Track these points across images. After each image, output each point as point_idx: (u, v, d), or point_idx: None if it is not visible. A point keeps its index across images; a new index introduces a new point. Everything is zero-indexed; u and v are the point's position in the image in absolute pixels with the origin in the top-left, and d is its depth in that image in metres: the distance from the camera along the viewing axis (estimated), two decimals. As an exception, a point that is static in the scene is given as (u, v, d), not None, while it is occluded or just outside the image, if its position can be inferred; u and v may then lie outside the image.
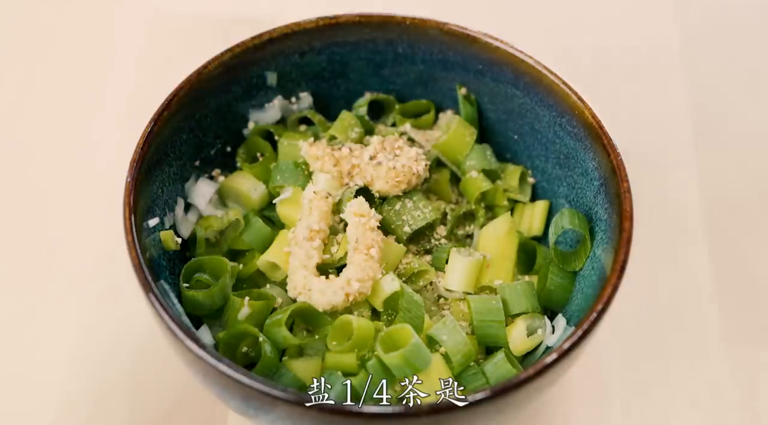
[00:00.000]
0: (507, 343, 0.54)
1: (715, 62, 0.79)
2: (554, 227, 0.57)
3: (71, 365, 0.62)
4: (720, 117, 0.75)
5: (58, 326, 0.63)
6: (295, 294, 0.54)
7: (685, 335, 0.64)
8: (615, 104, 0.69)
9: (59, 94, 0.76)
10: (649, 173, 0.67)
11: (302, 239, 0.54)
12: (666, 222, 0.69)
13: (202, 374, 0.48)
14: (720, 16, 0.83)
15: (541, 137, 0.59)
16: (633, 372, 0.62)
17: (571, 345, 0.47)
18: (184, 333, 0.47)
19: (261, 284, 0.57)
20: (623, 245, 0.50)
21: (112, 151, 0.71)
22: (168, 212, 0.57)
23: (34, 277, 0.66)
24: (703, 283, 0.66)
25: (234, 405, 0.50)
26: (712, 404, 0.61)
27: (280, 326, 0.52)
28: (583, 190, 0.57)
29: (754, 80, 0.78)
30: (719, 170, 0.72)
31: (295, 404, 0.45)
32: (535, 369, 0.46)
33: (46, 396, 0.60)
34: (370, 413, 0.45)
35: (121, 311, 0.63)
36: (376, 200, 0.57)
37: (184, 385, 0.60)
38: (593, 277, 0.54)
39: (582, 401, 0.61)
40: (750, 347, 0.63)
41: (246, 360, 0.54)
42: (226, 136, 0.61)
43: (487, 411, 0.46)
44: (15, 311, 0.64)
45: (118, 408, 0.60)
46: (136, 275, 0.49)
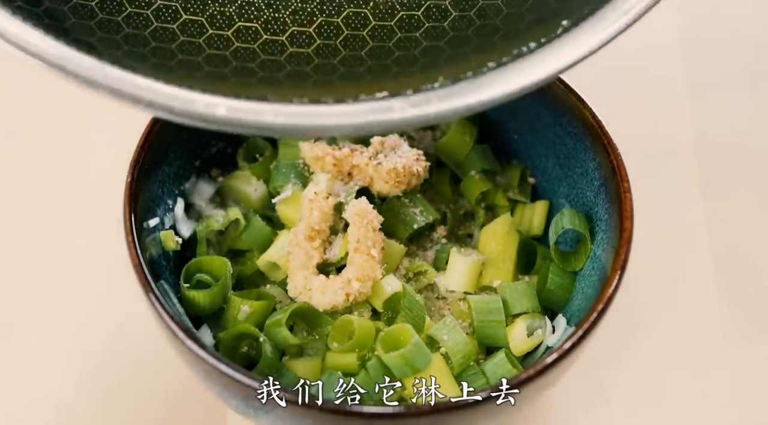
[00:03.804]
0: (507, 343, 0.54)
1: (716, 62, 0.79)
2: (554, 227, 0.57)
3: (71, 365, 0.62)
4: (720, 117, 0.75)
5: (58, 326, 0.63)
6: (296, 294, 0.54)
7: (685, 335, 0.64)
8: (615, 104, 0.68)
9: (59, 94, 0.76)
10: (649, 173, 0.67)
11: (302, 239, 0.54)
12: (666, 222, 0.69)
13: (203, 374, 0.48)
14: (720, 15, 0.83)
15: (541, 137, 0.59)
16: (633, 371, 0.62)
17: (571, 345, 0.47)
18: (185, 333, 0.47)
19: (261, 284, 0.57)
20: (623, 245, 0.50)
21: (112, 151, 0.71)
22: (168, 212, 0.57)
23: (33, 277, 0.66)
24: (704, 283, 0.66)
25: (234, 405, 0.50)
26: (712, 404, 0.61)
27: (281, 326, 0.52)
28: (583, 190, 0.57)
29: (754, 80, 0.78)
30: (720, 170, 0.72)
31: (296, 404, 0.45)
32: (535, 369, 0.46)
33: (45, 397, 0.60)
34: (370, 413, 0.45)
35: (121, 311, 0.63)
36: (376, 201, 0.57)
37: (184, 385, 0.60)
38: (593, 277, 0.54)
39: (582, 401, 0.61)
40: (751, 347, 0.63)
41: (246, 360, 0.54)
42: (226, 136, 0.61)
43: (487, 411, 0.46)
44: (14, 312, 0.64)
45: (117, 409, 0.60)
46: (136, 275, 0.49)
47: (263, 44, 0.44)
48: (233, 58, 0.44)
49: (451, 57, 0.43)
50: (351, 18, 0.46)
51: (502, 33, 0.44)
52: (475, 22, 0.45)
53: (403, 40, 0.45)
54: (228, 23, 0.45)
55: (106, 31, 0.43)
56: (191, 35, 0.44)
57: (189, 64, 0.43)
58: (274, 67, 0.44)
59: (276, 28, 0.45)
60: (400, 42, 0.45)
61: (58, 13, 0.43)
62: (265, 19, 0.45)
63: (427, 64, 0.43)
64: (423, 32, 0.45)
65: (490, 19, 0.45)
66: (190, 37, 0.44)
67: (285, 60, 0.44)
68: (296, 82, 0.43)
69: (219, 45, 0.44)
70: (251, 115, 0.40)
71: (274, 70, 0.43)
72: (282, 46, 0.44)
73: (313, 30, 0.45)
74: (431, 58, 0.44)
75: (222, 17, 0.45)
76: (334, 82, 0.43)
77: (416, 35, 0.45)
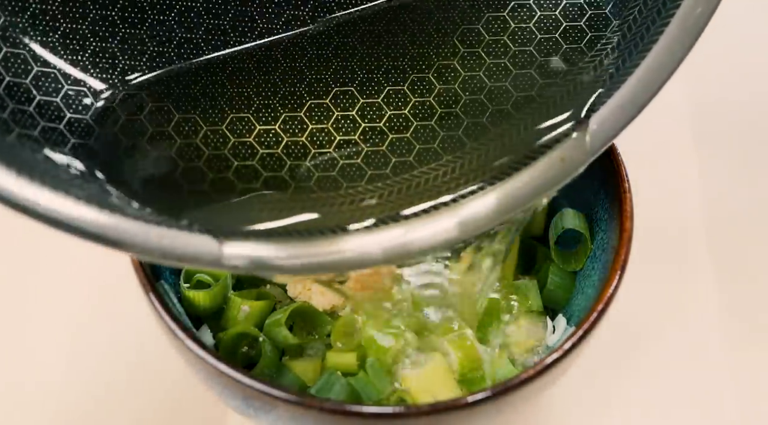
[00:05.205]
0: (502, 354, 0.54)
1: (716, 62, 0.79)
2: (554, 227, 0.57)
3: (70, 365, 0.62)
4: (721, 117, 0.75)
5: (57, 326, 0.63)
6: (295, 294, 0.54)
7: (685, 335, 0.64)
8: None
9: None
10: (649, 173, 0.67)
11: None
12: (666, 222, 0.69)
13: (203, 374, 0.48)
14: (722, 15, 0.83)
15: (541, 137, 0.59)
16: (633, 371, 0.62)
17: (571, 345, 0.47)
18: (185, 333, 0.47)
19: (261, 284, 0.57)
20: (623, 245, 0.50)
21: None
22: (168, 212, 0.57)
23: (33, 277, 0.66)
24: (704, 283, 0.66)
25: (234, 405, 0.50)
26: (712, 404, 0.61)
27: (280, 326, 0.52)
28: (583, 190, 0.57)
29: (754, 80, 0.78)
30: (720, 170, 0.72)
31: (296, 404, 0.45)
32: (535, 369, 0.46)
33: (45, 397, 0.60)
34: (370, 413, 0.45)
35: (120, 311, 0.63)
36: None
37: (184, 385, 0.60)
38: (593, 277, 0.54)
39: (582, 401, 0.61)
40: (751, 347, 0.63)
41: (246, 360, 0.54)
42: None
43: (487, 411, 0.46)
44: (14, 312, 0.64)
45: (117, 409, 0.60)
46: (136, 275, 0.49)
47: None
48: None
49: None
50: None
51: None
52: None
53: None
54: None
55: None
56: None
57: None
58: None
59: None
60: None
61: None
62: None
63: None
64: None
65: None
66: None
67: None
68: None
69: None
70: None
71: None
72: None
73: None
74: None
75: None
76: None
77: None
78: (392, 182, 0.44)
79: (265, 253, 0.39)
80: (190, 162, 0.43)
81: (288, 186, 0.44)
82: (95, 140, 0.42)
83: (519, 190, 0.43)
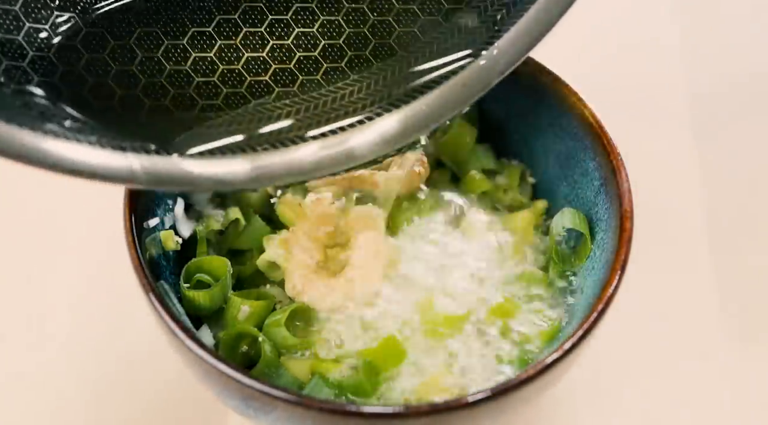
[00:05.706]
0: (507, 343, 0.54)
1: (716, 62, 0.79)
2: (554, 227, 0.57)
3: (70, 365, 0.62)
4: (721, 116, 0.75)
5: (57, 326, 0.63)
6: (295, 294, 0.54)
7: (685, 335, 0.64)
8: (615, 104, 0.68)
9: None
10: (649, 173, 0.67)
11: (303, 239, 0.54)
12: (666, 222, 0.69)
13: (202, 374, 0.48)
14: (721, 15, 0.83)
15: (541, 137, 0.59)
16: (633, 371, 0.62)
17: (571, 345, 0.47)
18: (185, 332, 0.47)
19: (261, 284, 0.57)
20: (623, 245, 0.50)
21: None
22: (168, 212, 0.57)
23: (32, 277, 0.66)
24: (704, 283, 0.66)
25: (234, 405, 0.50)
26: (712, 403, 0.61)
27: (280, 326, 0.52)
28: (583, 190, 0.57)
29: (754, 80, 0.78)
30: (720, 170, 0.72)
31: (296, 404, 0.45)
32: (535, 369, 0.46)
33: (44, 396, 0.60)
34: (370, 413, 0.45)
35: (121, 311, 0.63)
36: (377, 202, 0.57)
37: (184, 385, 0.60)
38: (593, 277, 0.54)
39: (582, 401, 0.61)
40: (752, 347, 0.63)
41: (246, 359, 0.54)
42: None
43: (487, 411, 0.46)
44: (13, 312, 0.64)
45: (117, 409, 0.60)
46: (136, 275, 0.49)
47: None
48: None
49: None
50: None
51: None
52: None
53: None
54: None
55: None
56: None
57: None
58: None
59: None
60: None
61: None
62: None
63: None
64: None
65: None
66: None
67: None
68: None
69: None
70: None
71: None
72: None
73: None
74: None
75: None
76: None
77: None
78: (300, 99, 0.46)
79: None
80: (128, 90, 0.45)
81: (195, 105, 0.46)
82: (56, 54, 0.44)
83: (422, 112, 0.46)
